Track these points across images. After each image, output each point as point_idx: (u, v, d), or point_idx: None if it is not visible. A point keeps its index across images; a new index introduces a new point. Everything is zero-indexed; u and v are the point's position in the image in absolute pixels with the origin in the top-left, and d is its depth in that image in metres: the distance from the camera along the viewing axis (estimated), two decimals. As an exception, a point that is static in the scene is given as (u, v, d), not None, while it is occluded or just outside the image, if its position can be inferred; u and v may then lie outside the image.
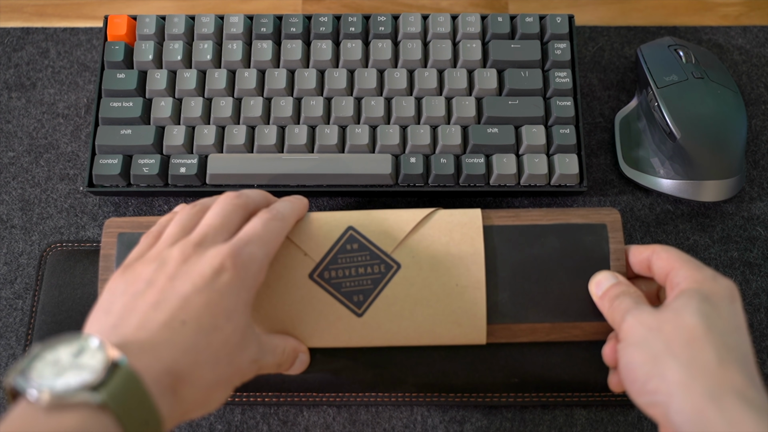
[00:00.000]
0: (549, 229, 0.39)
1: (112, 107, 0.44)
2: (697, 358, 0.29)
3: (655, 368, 0.30)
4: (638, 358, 0.31)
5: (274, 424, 0.41)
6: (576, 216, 0.39)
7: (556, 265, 0.38)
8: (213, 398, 0.30)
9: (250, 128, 0.44)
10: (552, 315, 0.37)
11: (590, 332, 0.38)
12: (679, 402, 0.28)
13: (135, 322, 0.28)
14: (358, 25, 0.46)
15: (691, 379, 0.28)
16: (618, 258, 0.38)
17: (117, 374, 0.25)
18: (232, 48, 0.46)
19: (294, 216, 0.36)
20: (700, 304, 0.31)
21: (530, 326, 0.38)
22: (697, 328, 0.30)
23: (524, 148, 0.44)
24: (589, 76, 0.49)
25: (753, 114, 0.48)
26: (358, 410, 0.41)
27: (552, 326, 0.38)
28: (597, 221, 0.39)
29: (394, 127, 0.44)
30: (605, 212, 0.39)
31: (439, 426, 0.41)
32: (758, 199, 0.46)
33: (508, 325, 0.37)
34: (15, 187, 0.46)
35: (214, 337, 0.29)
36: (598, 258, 0.38)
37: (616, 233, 0.38)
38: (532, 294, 0.38)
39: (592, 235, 0.38)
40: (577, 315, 0.37)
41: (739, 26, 0.50)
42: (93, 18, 0.51)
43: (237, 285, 0.30)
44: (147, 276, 0.30)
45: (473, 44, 0.46)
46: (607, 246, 0.38)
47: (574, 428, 0.41)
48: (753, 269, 0.44)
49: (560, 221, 0.39)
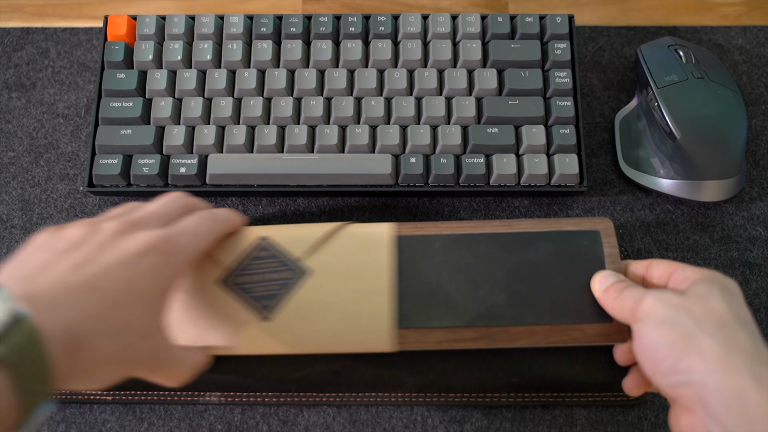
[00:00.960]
0: (543, 236, 0.39)
1: (112, 107, 0.44)
2: (732, 338, 0.29)
3: (690, 346, 0.29)
4: (667, 337, 0.30)
5: (274, 424, 0.41)
6: (569, 224, 0.39)
7: (552, 268, 0.38)
8: (102, 374, 0.29)
9: (250, 128, 0.44)
10: (550, 317, 0.37)
11: (590, 334, 0.37)
12: (719, 380, 0.28)
13: (49, 279, 0.28)
14: (358, 25, 0.46)
15: (730, 357, 0.28)
16: (613, 261, 0.38)
17: (19, 328, 0.25)
18: (232, 48, 0.46)
19: (229, 223, 0.38)
20: (722, 292, 0.31)
21: (529, 329, 0.37)
22: (725, 312, 0.30)
23: (524, 148, 0.44)
24: (589, 76, 0.49)
25: (753, 114, 0.48)
26: (358, 410, 0.41)
27: (551, 328, 0.37)
28: (590, 228, 0.39)
29: (394, 127, 0.44)
30: (597, 220, 0.40)
31: (439, 426, 0.41)
32: (758, 199, 0.46)
33: (506, 328, 0.37)
34: (15, 187, 0.46)
35: (122, 313, 0.29)
36: (593, 261, 0.38)
37: (609, 239, 0.39)
38: (529, 296, 0.38)
39: (586, 241, 0.39)
40: (577, 317, 0.37)
41: (739, 26, 0.50)
42: (93, 18, 0.51)
43: (158, 270, 0.31)
44: (76, 239, 0.31)
45: (473, 44, 0.46)
46: (602, 250, 0.38)
47: (574, 428, 0.41)
48: (753, 269, 0.44)
49: (554, 228, 0.39)
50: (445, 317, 0.38)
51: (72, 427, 0.41)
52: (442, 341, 0.37)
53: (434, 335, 0.37)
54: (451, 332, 0.37)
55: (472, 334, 0.37)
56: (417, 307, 0.38)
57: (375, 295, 0.37)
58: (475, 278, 0.38)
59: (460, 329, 0.37)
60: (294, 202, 0.46)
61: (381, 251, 0.38)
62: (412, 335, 0.37)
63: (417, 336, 0.37)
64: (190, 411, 0.41)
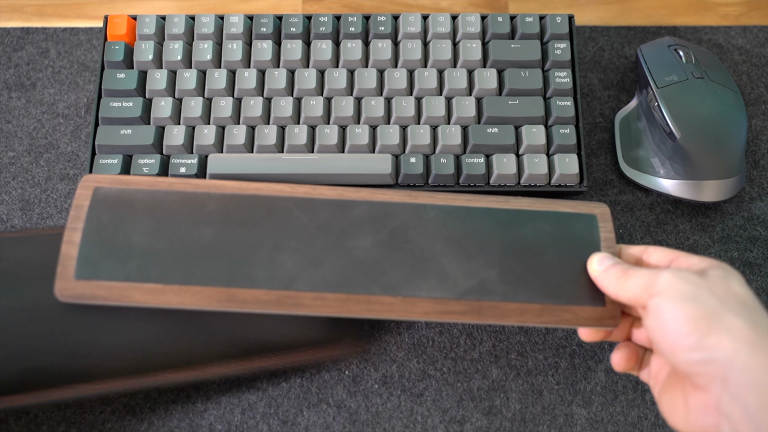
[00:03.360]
0: (539, 215, 0.38)
1: (112, 107, 0.44)
2: (758, 319, 0.29)
3: (716, 324, 0.29)
4: (693, 312, 0.29)
5: (274, 424, 0.41)
6: (565, 206, 0.39)
7: (547, 248, 0.37)
8: None
9: (250, 128, 0.44)
10: (543, 296, 0.36)
11: (582, 317, 0.36)
12: (746, 359, 0.27)
13: None
14: (358, 25, 0.46)
15: (758, 337, 0.28)
16: (609, 246, 0.37)
17: None
18: (232, 48, 0.46)
19: None
20: (738, 279, 0.31)
21: (520, 306, 0.36)
22: (747, 295, 0.30)
23: (524, 148, 0.44)
24: (589, 76, 0.49)
25: (753, 114, 0.48)
26: (358, 410, 0.41)
27: (543, 308, 0.36)
28: (587, 212, 0.39)
29: (394, 127, 0.44)
30: (594, 205, 0.39)
31: (439, 426, 0.41)
32: (758, 199, 0.46)
33: (497, 304, 0.36)
34: (15, 187, 0.46)
35: None
36: (588, 244, 0.37)
37: (606, 223, 0.38)
38: (522, 273, 0.37)
39: (582, 223, 0.38)
40: (570, 298, 0.36)
41: (739, 26, 0.50)
42: (93, 18, 0.51)
43: None
44: None
45: (473, 44, 0.46)
46: (598, 234, 0.38)
47: (574, 428, 0.41)
48: (753, 269, 0.44)
49: (550, 209, 0.39)
50: (435, 288, 0.36)
51: (72, 427, 0.41)
52: (429, 312, 0.36)
53: (422, 305, 0.36)
54: (440, 303, 0.36)
55: (462, 308, 0.36)
56: (407, 275, 0.36)
57: None
58: (469, 251, 0.37)
59: (449, 301, 0.36)
60: (294, 202, 0.46)
61: None
62: (399, 303, 0.36)
63: (404, 305, 0.36)
64: (190, 411, 0.41)
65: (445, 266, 0.37)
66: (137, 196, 0.38)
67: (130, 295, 0.36)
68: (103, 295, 0.36)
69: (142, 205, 0.37)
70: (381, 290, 0.36)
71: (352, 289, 0.36)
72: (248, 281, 0.36)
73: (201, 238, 0.37)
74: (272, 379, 0.42)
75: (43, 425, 0.41)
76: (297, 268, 0.36)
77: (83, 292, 0.36)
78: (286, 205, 0.38)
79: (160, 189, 0.38)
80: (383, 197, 0.38)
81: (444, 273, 0.37)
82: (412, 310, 0.36)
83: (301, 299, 0.36)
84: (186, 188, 0.38)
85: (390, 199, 0.38)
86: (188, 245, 0.37)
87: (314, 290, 0.36)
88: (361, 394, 0.41)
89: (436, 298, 0.36)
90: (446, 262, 0.37)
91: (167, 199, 0.38)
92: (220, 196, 0.38)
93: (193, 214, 0.37)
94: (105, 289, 0.36)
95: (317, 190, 0.38)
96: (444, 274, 0.37)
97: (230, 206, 0.38)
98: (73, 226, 0.37)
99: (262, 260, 0.36)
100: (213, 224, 0.37)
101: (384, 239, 0.37)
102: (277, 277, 0.36)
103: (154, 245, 0.37)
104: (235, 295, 0.36)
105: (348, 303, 0.36)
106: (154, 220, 0.37)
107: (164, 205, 0.37)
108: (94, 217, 0.37)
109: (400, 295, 0.36)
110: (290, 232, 0.37)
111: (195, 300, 0.36)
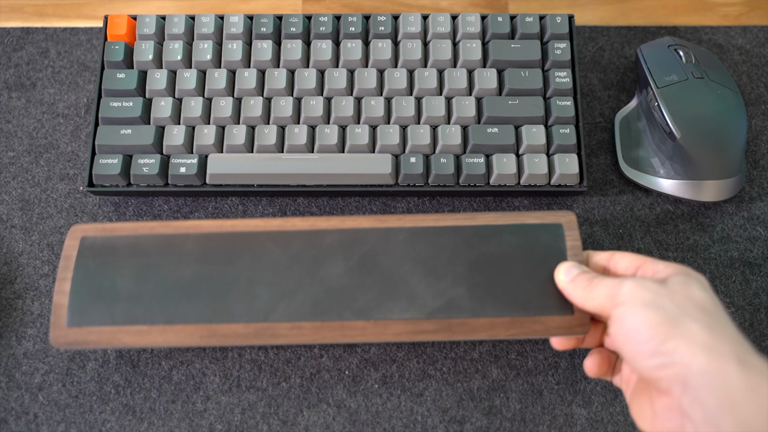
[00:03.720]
0: (505, 229, 0.39)
1: (112, 107, 0.44)
2: (716, 323, 0.29)
3: (674, 329, 0.29)
4: (652, 319, 0.30)
5: (274, 424, 0.41)
6: (532, 218, 0.39)
7: (514, 261, 0.38)
8: None
9: (250, 128, 0.44)
10: (511, 309, 0.37)
11: (551, 327, 0.37)
12: (703, 362, 0.28)
13: None
14: (358, 25, 0.46)
15: (716, 341, 0.29)
16: (576, 254, 0.38)
17: None
18: (232, 48, 0.46)
19: None
20: (700, 284, 0.32)
21: (489, 321, 0.37)
22: (707, 300, 0.31)
23: (524, 148, 0.44)
24: (589, 76, 0.49)
25: (753, 114, 0.48)
26: (358, 410, 0.41)
27: (512, 320, 0.37)
28: (553, 221, 0.39)
29: (394, 127, 0.44)
30: (561, 214, 0.40)
31: (439, 426, 0.41)
32: (758, 199, 0.46)
33: (466, 320, 0.37)
34: (15, 187, 0.46)
35: None
36: (555, 254, 0.38)
37: (572, 231, 0.39)
38: (490, 288, 0.38)
39: (548, 233, 0.39)
40: (538, 309, 0.37)
41: (739, 26, 0.50)
42: (93, 18, 0.51)
43: None
44: None
45: (473, 44, 0.46)
46: (564, 243, 0.38)
47: (574, 428, 0.41)
48: (753, 269, 0.44)
49: (516, 221, 0.39)
50: (405, 309, 0.38)
51: (72, 426, 0.41)
52: (401, 333, 0.37)
53: (394, 327, 0.37)
54: (411, 324, 0.37)
55: (432, 326, 0.37)
56: (378, 299, 0.38)
57: None
58: (437, 270, 0.38)
59: (420, 321, 0.37)
60: (294, 202, 0.46)
61: None
62: (371, 327, 0.37)
63: (376, 328, 0.37)
64: (190, 411, 0.41)
65: (414, 287, 0.38)
66: (121, 242, 0.40)
67: (119, 338, 0.38)
68: (94, 340, 0.38)
69: (126, 251, 0.40)
70: (354, 315, 0.38)
71: (326, 316, 0.38)
72: (227, 316, 0.38)
73: (182, 278, 0.39)
74: (272, 379, 0.42)
75: (43, 425, 0.41)
76: (273, 300, 0.38)
77: (76, 338, 0.38)
78: (261, 239, 0.39)
79: (141, 234, 0.40)
80: (352, 224, 0.40)
81: (413, 294, 0.38)
82: (385, 332, 0.37)
83: (278, 330, 0.38)
84: (166, 231, 0.40)
85: (359, 225, 0.40)
86: (170, 286, 0.39)
87: (290, 320, 0.38)
88: (361, 394, 0.41)
89: (407, 319, 0.37)
90: (415, 283, 0.38)
91: (149, 242, 0.40)
92: (198, 236, 0.40)
93: (173, 255, 0.39)
94: (96, 334, 0.38)
95: (289, 222, 0.40)
96: (413, 295, 0.38)
97: (208, 245, 0.39)
98: (63, 276, 0.39)
99: (239, 295, 0.38)
100: (192, 264, 0.39)
101: (354, 266, 0.39)
102: (254, 311, 0.38)
103: (139, 288, 0.39)
104: (215, 331, 0.38)
105: (323, 330, 0.38)
106: (137, 264, 0.39)
107: (146, 249, 0.40)
108: (82, 266, 0.39)
109: (372, 318, 0.37)
110: (265, 265, 0.39)
111: (179, 338, 0.38)
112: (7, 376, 0.42)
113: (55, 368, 0.42)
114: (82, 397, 0.41)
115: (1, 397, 0.41)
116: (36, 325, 0.43)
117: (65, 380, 0.42)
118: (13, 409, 0.41)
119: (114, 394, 0.42)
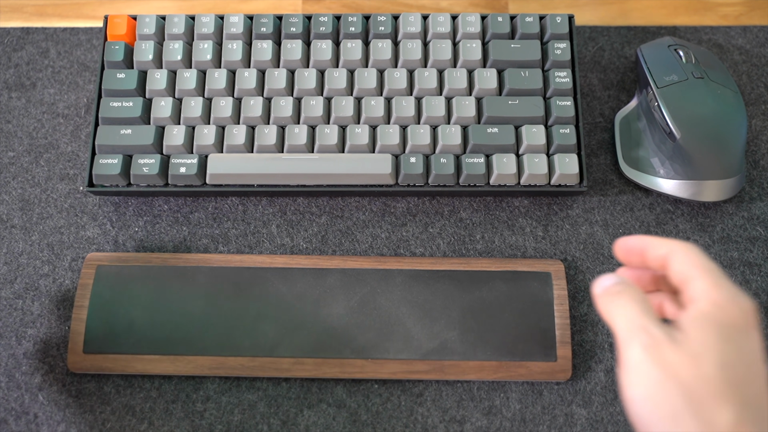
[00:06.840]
0: (497, 275, 0.42)
1: (112, 107, 0.44)
2: (715, 419, 0.27)
3: (676, 426, 0.27)
4: (655, 415, 0.28)
5: (274, 424, 0.41)
6: (522, 265, 0.43)
7: (503, 307, 0.42)
8: None
9: (250, 128, 0.44)
10: (499, 353, 0.41)
11: (535, 372, 0.40)
12: None
13: None
14: (358, 25, 0.46)
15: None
16: (561, 303, 0.41)
17: None
18: (232, 48, 0.46)
19: None
20: (718, 344, 0.28)
21: (478, 364, 0.40)
22: (716, 379, 0.28)
23: (524, 148, 0.44)
24: (589, 76, 0.49)
25: (753, 114, 0.48)
26: (359, 410, 0.41)
27: (499, 364, 0.40)
28: (542, 269, 0.42)
29: (394, 127, 0.44)
30: (550, 262, 0.43)
31: (439, 426, 0.41)
32: (758, 199, 0.46)
33: (457, 363, 0.41)
34: (15, 187, 0.46)
35: None
36: (542, 302, 0.42)
37: (559, 281, 0.42)
38: (480, 333, 0.41)
39: (537, 282, 0.42)
40: (524, 354, 0.40)
41: (739, 26, 0.50)
42: (93, 18, 0.51)
43: None
44: None
45: (473, 44, 0.46)
46: (551, 291, 0.42)
47: (574, 428, 0.41)
48: (753, 269, 0.44)
49: (507, 269, 0.42)
50: (401, 350, 0.41)
51: (72, 426, 0.41)
52: (396, 372, 0.40)
53: (390, 366, 0.41)
54: (406, 364, 0.41)
55: (426, 367, 0.40)
56: (376, 339, 0.41)
57: None
58: (431, 314, 0.41)
59: (414, 362, 0.41)
60: (294, 202, 0.46)
61: None
62: (369, 365, 0.41)
63: (374, 366, 0.41)
64: (190, 411, 0.41)
65: (410, 329, 0.41)
66: (135, 272, 0.43)
67: (133, 366, 0.41)
68: (109, 367, 0.41)
69: (140, 281, 0.42)
70: (353, 354, 0.41)
71: (327, 353, 0.41)
72: (235, 350, 0.41)
73: (193, 311, 0.42)
74: (272, 379, 0.42)
75: (43, 425, 0.41)
76: (277, 335, 0.41)
77: (92, 364, 0.41)
78: (267, 275, 0.42)
79: (154, 265, 0.43)
80: (354, 264, 0.43)
81: (409, 335, 0.41)
82: (381, 370, 0.41)
83: (282, 364, 0.41)
84: (177, 263, 0.43)
85: (360, 265, 0.43)
86: (182, 317, 0.42)
87: (293, 356, 0.41)
88: (361, 394, 0.41)
89: (402, 360, 0.41)
90: (411, 325, 0.41)
91: (161, 274, 0.43)
92: (207, 270, 0.43)
93: (184, 287, 0.42)
94: (110, 361, 0.41)
95: (294, 260, 0.43)
96: (409, 336, 0.41)
97: (217, 279, 0.42)
98: (80, 303, 0.42)
99: (247, 330, 0.41)
100: (202, 297, 0.42)
101: (355, 306, 0.42)
102: (260, 345, 0.41)
103: (152, 318, 0.42)
104: (223, 363, 0.41)
105: (324, 366, 0.41)
106: (150, 294, 0.42)
107: (159, 280, 0.42)
108: (98, 294, 0.42)
109: (370, 357, 0.41)
110: (271, 302, 0.42)
111: (189, 368, 0.41)
112: (7, 376, 0.42)
113: (55, 368, 0.42)
114: (82, 397, 0.41)
115: (1, 397, 0.41)
116: (36, 325, 0.43)
117: (65, 380, 0.42)
118: (13, 409, 0.41)
119: (114, 394, 0.42)
